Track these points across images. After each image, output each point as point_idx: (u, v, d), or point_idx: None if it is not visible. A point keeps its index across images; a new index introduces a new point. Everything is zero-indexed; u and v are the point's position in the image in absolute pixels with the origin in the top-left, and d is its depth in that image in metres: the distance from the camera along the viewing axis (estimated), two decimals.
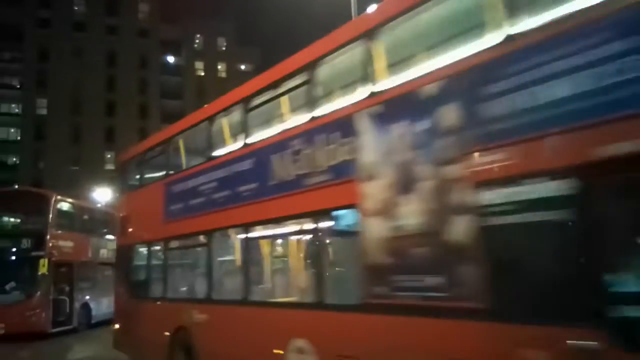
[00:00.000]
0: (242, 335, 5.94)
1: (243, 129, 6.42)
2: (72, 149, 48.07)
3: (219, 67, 55.53)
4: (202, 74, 54.84)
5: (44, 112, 48.79)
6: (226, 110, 7.03)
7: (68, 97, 48.56)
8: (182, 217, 7.47)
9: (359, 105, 4.74)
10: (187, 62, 54.23)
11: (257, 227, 6.26)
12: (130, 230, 9.48)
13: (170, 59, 54.12)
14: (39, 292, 13.23)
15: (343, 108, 5.01)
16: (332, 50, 5.18)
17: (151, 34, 52.71)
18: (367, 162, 4.56)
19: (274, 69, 6.21)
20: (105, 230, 17.60)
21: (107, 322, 15.90)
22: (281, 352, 5.24)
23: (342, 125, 4.84)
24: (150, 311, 8.22)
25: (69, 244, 14.88)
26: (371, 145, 4.54)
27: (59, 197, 14.98)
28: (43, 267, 13.30)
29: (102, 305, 16.20)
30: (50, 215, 14.06)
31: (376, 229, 4.39)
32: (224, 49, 55.84)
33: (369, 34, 4.68)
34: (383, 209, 4.34)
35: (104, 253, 16.98)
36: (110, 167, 48.89)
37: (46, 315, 13.30)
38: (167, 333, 7.39)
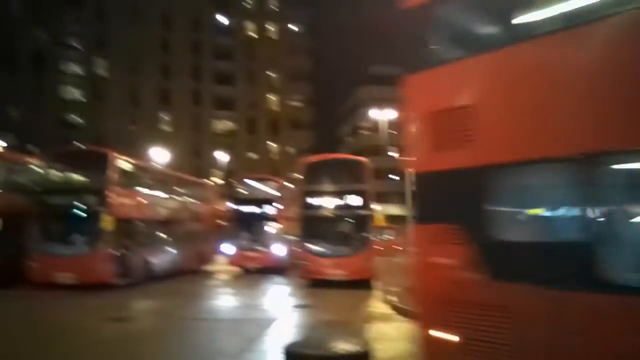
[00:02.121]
0: None
1: None
2: (131, 109, 49.85)
3: (270, 27, 55.26)
4: (253, 34, 54.78)
5: (103, 73, 50.61)
6: None
7: (126, 58, 50.01)
8: None
9: None
10: (238, 22, 54.24)
11: None
12: (479, 138, 4.39)
13: (222, 19, 54.24)
14: (102, 246, 14.04)
15: None
16: None
17: None
18: None
19: None
20: (162, 189, 18.35)
21: (163, 277, 16.88)
22: None
23: None
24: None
25: (130, 201, 15.62)
26: None
27: (117, 155, 15.61)
28: (106, 223, 14.07)
29: (162, 260, 17.10)
30: (111, 173, 14.74)
31: None
32: (274, 8, 55.37)
33: None
34: None
35: (162, 211, 17.77)
36: (165, 128, 50.54)
37: (110, 267, 14.14)
38: None
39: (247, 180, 22.91)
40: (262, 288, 15.26)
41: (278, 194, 21.16)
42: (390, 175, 41.18)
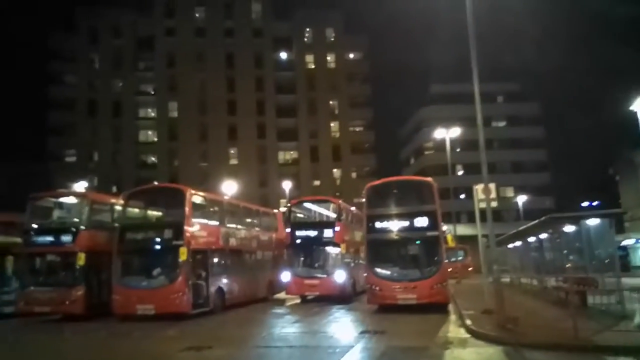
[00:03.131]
0: None
1: None
2: (200, 146, 52.43)
3: (328, 58, 56.44)
4: (313, 66, 56.15)
5: (175, 114, 53.83)
6: None
7: (195, 99, 53.01)
8: None
9: None
10: (298, 56, 55.92)
11: None
12: None
13: (283, 55, 56.20)
14: (180, 277, 14.57)
15: None
16: None
17: (264, 32, 55.24)
18: None
19: None
20: (233, 219, 18.94)
21: (237, 305, 17.25)
22: None
23: None
24: None
25: (203, 233, 16.22)
26: None
27: (193, 191, 16.34)
28: (183, 255, 14.64)
29: (234, 289, 17.52)
30: (187, 208, 15.38)
31: None
32: (332, 39, 56.62)
33: None
34: None
35: (233, 241, 18.30)
36: (233, 161, 52.56)
37: (187, 298, 14.63)
38: None
39: (305, 204, 22.41)
40: (329, 315, 15.12)
41: (337, 215, 20.13)
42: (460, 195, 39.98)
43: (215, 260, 16.60)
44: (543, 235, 18.34)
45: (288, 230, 19.66)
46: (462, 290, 21.07)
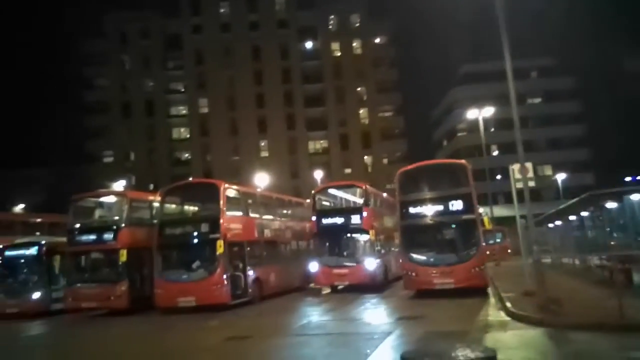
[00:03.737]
0: None
1: None
2: (232, 141, 53.10)
3: (354, 44, 55.89)
4: (339, 54, 55.76)
5: (205, 110, 54.66)
6: None
7: (224, 94, 53.61)
8: None
9: None
10: (323, 44, 55.61)
11: None
12: None
13: (309, 44, 56.00)
14: (218, 269, 14.89)
15: None
16: None
17: (289, 23, 55.13)
18: None
19: None
20: (267, 211, 19.15)
21: (274, 295, 17.50)
22: None
23: None
24: None
25: (239, 225, 16.47)
26: None
27: (227, 185, 16.60)
28: (220, 248, 14.93)
29: (271, 279, 17.77)
30: (222, 202, 15.64)
31: None
32: (357, 25, 55.97)
33: None
34: None
35: (267, 232, 18.53)
36: (264, 153, 53.01)
37: (226, 289, 14.95)
38: None
39: (329, 190, 21.73)
40: (365, 303, 15.13)
41: (364, 200, 19.06)
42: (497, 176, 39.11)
43: (252, 251, 16.84)
44: (584, 213, 17.76)
45: (314, 218, 18.99)
46: (501, 273, 20.70)
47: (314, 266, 18.57)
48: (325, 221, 18.77)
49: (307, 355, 8.55)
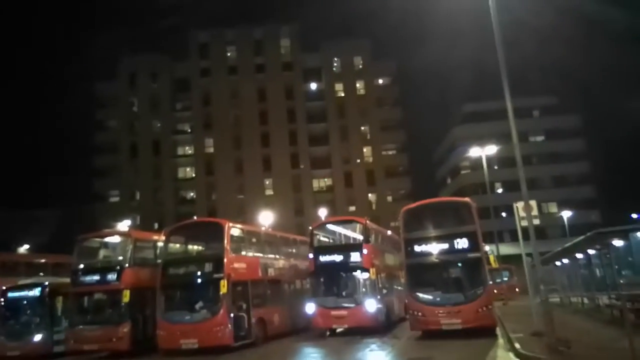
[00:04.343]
0: None
1: None
2: (237, 179, 53.46)
3: (358, 84, 57.01)
4: (343, 94, 56.81)
5: (211, 150, 55.34)
6: None
7: (229, 134, 54.43)
8: None
9: None
10: (327, 85, 56.76)
11: None
12: None
13: (313, 85, 57.20)
14: (222, 310, 14.67)
15: None
16: None
17: (294, 65, 56.53)
18: None
19: None
20: (271, 250, 19.06)
21: (280, 336, 17.16)
22: None
23: None
24: None
25: (243, 265, 16.35)
26: None
27: (231, 224, 16.59)
28: (223, 288, 14.76)
29: (275, 319, 17.48)
30: (226, 241, 15.60)
31: None
32: (360, 66, 57.24)
33: None
34: None
35: (272, 271, 18.37)
36: (269, 192, 53.25)
37: (229, 331, 14.66)
38: None
39: (328, 226, 20.47)
40: (373, 344, 14.81)
41: (364, 237, 18.13)
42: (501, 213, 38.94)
43: (255, 291, 16.63)
44: (591, 251, 17.56)
45: (311, 255, 18.00)
46: (509, 313, 20.31)
47: (310, 307, 17.41)
48: (322, 259, 17.72)
49: None
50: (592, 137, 60.33)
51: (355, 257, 17.39)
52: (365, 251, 17.36)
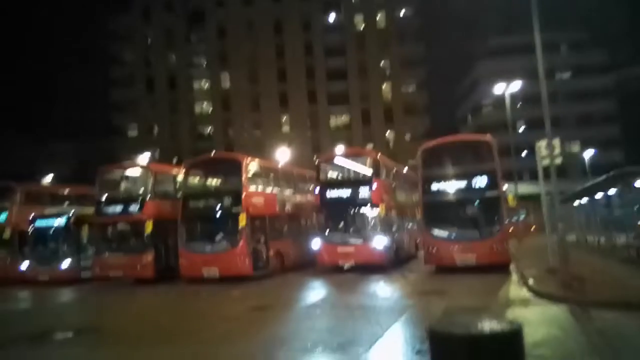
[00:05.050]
0: None
1: None
2: (253, 115, 53.11)
3: (378, 17, 54.69)
4: (362, 27, 54.72)
5: (227, 85, 54.64)
6: None
7: (245, 68, 53.40)
8: None
9: None
10: (346, 17, 54.58)
11: None
12: None
13: (332, 17, 55.06)
14: (241, 242, 15.17)
15: None
16: None
17: None
18: None
19: None
20: (288, 185, 19.24)
21: (296, 268, 17.71)
22: None
23: None
24: None
25: (261, 200, 16.64)
26: None
27: (249, 159, 16.72)
28: (242, 221, 15.16)
29: (291, 252, 17.97)
30: (244, 176, 15.82)
31: None
32: None
33: None
34: None
35: (289, 207, 18.65)
36: (285, 128, 52.99)
37: (248, 262, 15.24)
38: None
39: (335, 159, 19.19)
40: (385, 278, 15.17)
41: (374, 171, 17.20)
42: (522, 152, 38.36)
43: (273, 225, 17.02)
44: (612, 191, 17.32)
45: (317, 190, 17.35)
46: (524, 250, 20.52)
47: (316, 243, 16.93)
48: (329, 194, 17.11)
49: (330, 326, 8.68)
50: (621, 74, 57.75)
51: (364, 192, 16.74)
52: (374, 186, 16.69)
